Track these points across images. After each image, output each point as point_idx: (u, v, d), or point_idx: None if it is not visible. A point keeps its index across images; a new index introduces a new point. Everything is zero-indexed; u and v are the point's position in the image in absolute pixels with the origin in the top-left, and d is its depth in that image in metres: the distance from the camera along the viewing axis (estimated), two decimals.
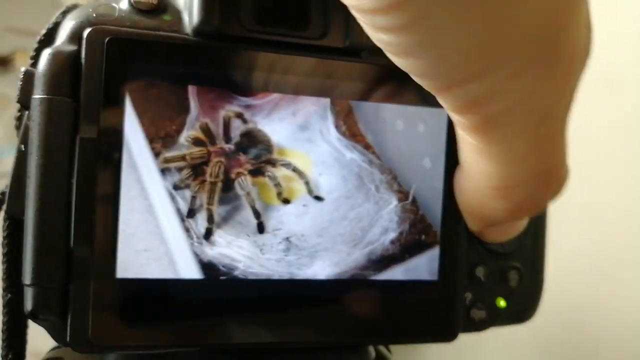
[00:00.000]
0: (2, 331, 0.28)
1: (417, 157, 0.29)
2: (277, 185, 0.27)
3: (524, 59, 0.19)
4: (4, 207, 0.27)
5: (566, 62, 0.20)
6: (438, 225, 0.29)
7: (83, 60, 0.25)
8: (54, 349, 0.30)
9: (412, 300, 0.29)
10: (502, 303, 0.32)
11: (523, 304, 0.33)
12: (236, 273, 0.27)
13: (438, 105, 0.27)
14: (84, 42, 0.25)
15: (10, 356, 0.28)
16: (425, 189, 0.29)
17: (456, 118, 0.22)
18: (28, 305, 0.25)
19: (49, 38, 0.26)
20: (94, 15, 0.26)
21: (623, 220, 0.59)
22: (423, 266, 0.29)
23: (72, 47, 0.25)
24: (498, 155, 0.23)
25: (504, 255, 0.32)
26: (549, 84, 0.20)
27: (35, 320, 0.25)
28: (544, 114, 0.21)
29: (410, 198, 0.29)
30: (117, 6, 0.26)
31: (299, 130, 0.27)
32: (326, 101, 0.28)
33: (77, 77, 0.25)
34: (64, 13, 0.27)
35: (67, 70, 0.25)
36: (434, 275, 0.29)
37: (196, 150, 0.26)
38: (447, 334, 0.30)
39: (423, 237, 0.29)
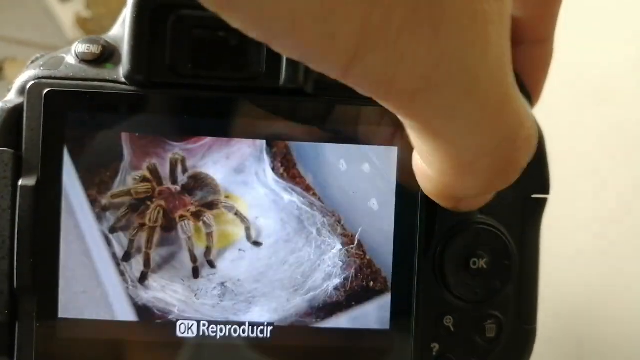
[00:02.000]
0: None
1: (363, 198, 0.27)
2: (209, 234, 0.27)
3: (403, 11, 0.17)
4: None
5: (465, 8, 0.18)
6: (389, 271, 0.27)
7: (25, 112, 0.26)
8: None
9: (361, 351, 0.27)
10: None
11: (508, 356, 0.30)
12: (171, 317, 0.27)
13: (385, 143, 0.25)
14: (26, 94, 0.26)
15: None
16: (373, 232, 0.27)
17: (386, 105, 0.20)
18: None
19: (11, 89, 0.28)
20: (42, 68, 0.27)
21: (615, 225, 0.56)
22: (372, 314, 0.27)
23: (19, 100, 0.27)
24: (445, 131, 0.20)
25: (477, 303, 0.29)
26: (456, 38, 0.18)
27: None
28: (470, 74, 0.19)
29: (356, 242, 0.27)
30: (65, 57, 0.28)
31: (234, 174, 0.27)
32: (261, 143, 0.27)
33: (21, 128, 0.27)
34: (31, 63, 0.29)
35: (12, 122, 0.26)
36: (385, 324, 0.27)
37: (142, 185, 0.27)
38: None
39: (371, 283, 0.27)
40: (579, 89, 0.59)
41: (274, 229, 0.27)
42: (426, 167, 0.24)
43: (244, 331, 0.27)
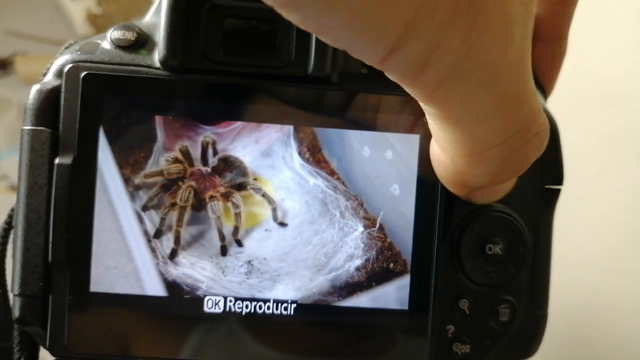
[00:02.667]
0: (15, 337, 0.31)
1: (385, 183, 0.28)
2: (237, 214, 0.28)
3: (447, 7, 0.18)
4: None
5: (497, 9, 0.19)
6: (408, 253, 0.28)
7: (62, 94, 0.28)
8: None
9: (380, 330, 0.29)
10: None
11: (520, 340, 0.31)
12: (199, 293, 0.28)
13: (407, 131, 0.27)
14: (64, 77, 0.28)
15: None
16: (394, 216, 0.28)
17: (412, 91, 0.21)
18: (16, 312, 0.28)
19: (47, 71, 0.29)
20: (78, 52, 0.29)
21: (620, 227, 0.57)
22: (391, 295, 0.28)
23: (56, 82, 0.28)
24: (463, 120, 0.22)
25: (492, 287, 0.30)
26: (485, 34, 0.19)
27: (22, 326, 0.28)
28: (492, 68, 0.20)
29: (378, 225, 0.28)
30: (100, 43, 0.29)
31: (262, 157, 0.28)
32: (289, 128, 0.28)
33: (58, 109, 0.28)
34: (65, 48, 0.30)
35: (49, 103, 0.28)
36: (403, 304, 0.29)
37: (174, 166, 0.28)
38: None
39: (391, 265, 0.28)
40: (587, 93, 0.60)
41: (299, 211, 0.28)
42: (442, 153, 0.25)
43: (268, 308, 0.28)
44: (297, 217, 0.28)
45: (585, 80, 0.60)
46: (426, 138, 0.28)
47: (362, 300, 0.28)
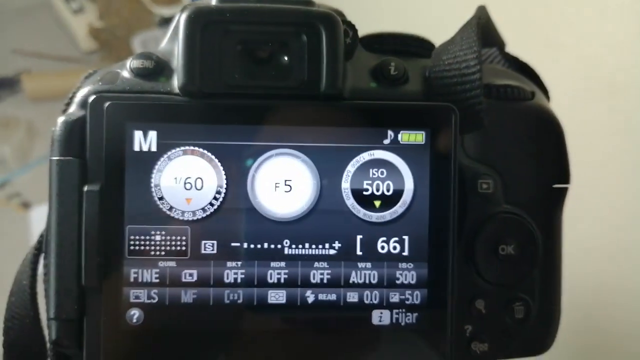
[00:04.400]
0: None
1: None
2: None
3: None
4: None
5: None
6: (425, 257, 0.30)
7: (88, 124, 0.29)
8: None
9: (400, 331, 0.30)
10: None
11: (536, 336, 0.32)
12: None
13: (417, 140, 0.28)
14: (88, 108, 0.29)
15: None
16: None
17: None
18: (52, 335, 0.29)
19: (70, 102, 0.31)
20: (100, 83, 0.30)
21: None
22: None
23: (81, 113, 0.29)
24: None
25: (506, 286, 0.31)
26: None
27: (59, 349, 0.30)
28: None
29: None
30: (120, 72, 0.30)
31: None
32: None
33: (84, 138, 0.29)
34: (85, 78, 0.31)
35: (75, 133, 0.29)
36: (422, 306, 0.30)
37: None
38: None
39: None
40: (589, 84, 0.61)
41: None
42: None
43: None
44: None
45: (586, 71, 0.61)
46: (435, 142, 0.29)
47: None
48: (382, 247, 0.29)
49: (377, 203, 0.29)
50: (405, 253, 0.30)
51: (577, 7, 0.61)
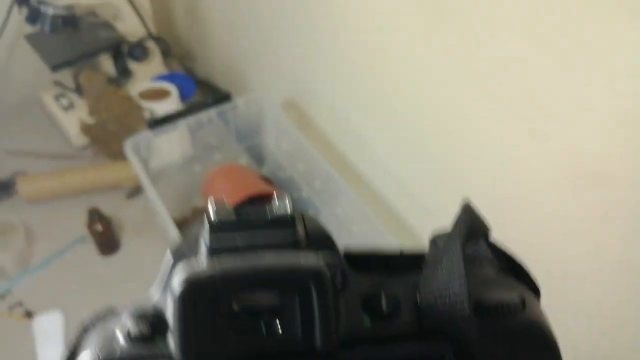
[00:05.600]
0: None
1: None
2: None
3: None
4: None
5: None
6: None
7: None
8: None
9: None
10: None
11: None
12: None
13: None
14: None
15: None
16: None
17: None
18: None
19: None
20: (98, 352, 0.29)
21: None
22: None
23: None
24: None
25: None
26: None
27: None
28: None
29: None
30: (117, 338, 0.30)
31: None
32: None
33: None
34: (84, 331, 0.31)
35: None
36: None
37: None
38: None
39: None
40: (573, 172, 0.61)
41: None
42: None
43: None
44: None
45: (570, 160, 0.61)
46: None
47: None
48: None
49: None
50: None
51: (557, 97, 0.61)
